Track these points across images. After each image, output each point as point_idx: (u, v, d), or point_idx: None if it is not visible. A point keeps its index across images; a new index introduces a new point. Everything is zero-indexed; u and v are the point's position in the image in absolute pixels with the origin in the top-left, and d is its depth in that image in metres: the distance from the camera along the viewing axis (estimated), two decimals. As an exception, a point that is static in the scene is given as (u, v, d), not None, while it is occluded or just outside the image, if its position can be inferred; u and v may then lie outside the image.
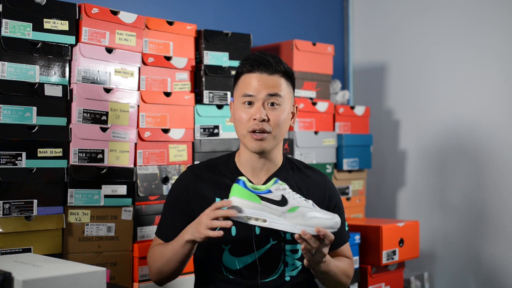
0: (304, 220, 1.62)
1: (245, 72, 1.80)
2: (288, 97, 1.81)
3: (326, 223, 1.62)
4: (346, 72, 3.65)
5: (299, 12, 3.42)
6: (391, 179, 3.46)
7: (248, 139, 1.78)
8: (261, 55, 1.81)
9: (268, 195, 1.63)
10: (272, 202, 1.62)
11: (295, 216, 1.62)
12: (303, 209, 1.63)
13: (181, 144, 2.37)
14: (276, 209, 1.62)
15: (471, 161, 3.12)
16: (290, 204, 1.63)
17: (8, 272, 1.31)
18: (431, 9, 3.31)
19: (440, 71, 3.26)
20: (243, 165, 1.85)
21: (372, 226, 2.61)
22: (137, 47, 2.26)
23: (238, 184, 1.64)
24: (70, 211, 2.07)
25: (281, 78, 1.80)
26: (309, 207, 1.64)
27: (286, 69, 1.82)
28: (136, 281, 2.18)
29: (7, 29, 1.95)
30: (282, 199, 1.63)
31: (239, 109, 1.79)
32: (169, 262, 1.78)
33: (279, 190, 1.64)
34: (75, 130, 2.07)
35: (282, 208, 1.62)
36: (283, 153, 1.91)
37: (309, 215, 1.62)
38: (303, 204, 1.64)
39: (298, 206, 1.63)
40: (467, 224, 3.12)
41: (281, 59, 1.83)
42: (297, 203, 1.64)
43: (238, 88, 1.82)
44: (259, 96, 1.76)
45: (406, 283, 3.00)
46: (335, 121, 2.94)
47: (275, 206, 1.62)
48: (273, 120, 1.76)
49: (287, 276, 1.81)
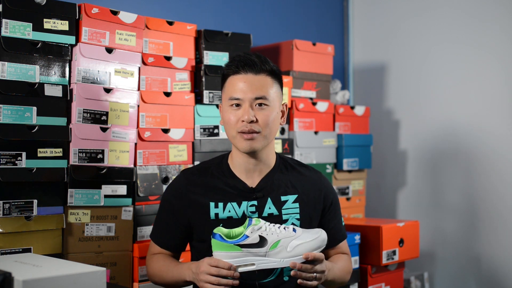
0: (289, 252, 1.65)
1: (230, 74, 1.80)
2: (276, 96, 1.80)
3: (312, 245, 1.66)
4: (346, 72, 3.65)
5: (299, 12, 3.42)
6: (391, 179, 3.46)
7: (238, 139, 1.77)
8: (246, 55, 1.80)
9: (245, 241, 1.65)
10: (252, 246, 1.65)
11: (279, 251, 1.65)
12: (284, 241, 1.65)
13: (181, 144, 2.37)
14: (258, 251, 1.65)
15: (471, 161, 3.12)
16: (270, 241, 1.65)
17: (8, 272, 1.31)
18: (431, 9, 3.31)
19: (440, 71, 3.26)
20: (236, 167, 1.85)
21: (372, 226, 2.61)
22: (137, 47, 2.26)
23: (215, 239, 1.66)
24: (70, 211, 2.07)
25: (268, 77, 1.79)
26: (290, 236, 1.66)
27: (272, 68, 1.80)
28: (136, 281, 2.18)
29: (7, 29, 1.95)
30: (260, 240, 1.65)
31: (227, 111, 1.79)
32: (166, 284, 1.84)
33: (254, 232, 1.65)
34: (75, 130, 2.07)
35: (263, 249, 1.65)
36: (276, 152, 1.90)
37: (292, 245, 1.65)
38: (283, 235, 1.66)
39: (279, 240, 1.65)
40: (467, 224, 3.12)
41: (267, 58, 1.81)
42: (276, 237, 1.65)
43: (225, 91, 1.81)
44: (246, 98, 1.75)
45: (406, 283, 3.00)
46: (335, 121, 2.94)
47: (256, 249, 1.65)
48: (261, 120, 1.75)
49: (285, 276, 1.81)
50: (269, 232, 1.66)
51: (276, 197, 1.83)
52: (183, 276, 1.76)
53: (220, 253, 1.65)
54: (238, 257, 1.64)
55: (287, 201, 1.83)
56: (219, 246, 1.65)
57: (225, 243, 1.65)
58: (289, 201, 1.83)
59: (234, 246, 1.64)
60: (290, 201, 1.83)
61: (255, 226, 1.65)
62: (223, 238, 1.65)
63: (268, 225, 1.67)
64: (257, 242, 1.64)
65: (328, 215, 1.90)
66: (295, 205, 1.83)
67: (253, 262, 1.65)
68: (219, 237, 1.65)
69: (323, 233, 1.68)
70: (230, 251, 1.64)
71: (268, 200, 1.82)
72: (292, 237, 1.66)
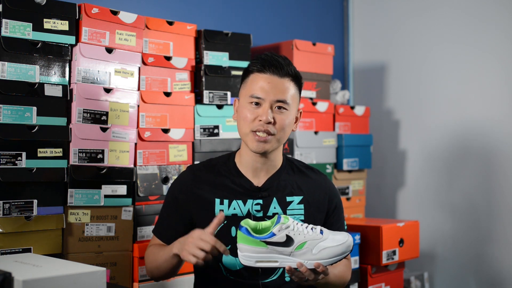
0: (314, 254, 1.61)
1: (255, 71, 1.79)
2: (295, 102, 1.81)
3: (338, 250, 1.61)
4: (346, 72, 3.65)
5: (299, 12, 3.42)
6: (391, 179, 3.46)
7: (250, 138, 1.77)
8: (272, 55, 1.80)
9: (272, 238, 1.61)
10: (278, 244, 1.61)
11: (304, 252, 1.61)
12: (310, 243, 1.61)
13: (181, 144, 2.37)
14: (283, 250, 1.61)
15: (470, 160, 3.12)
16: (296, 241, 1.61)
17: (8, 272, 1.31)
18: (431, 9, 3.31)
19: (440, 71, 3.26)
20: (243, 165, 1.85)
21: (372, 226, 2.61)
22: (137, 47, 2.26)
23: (242, 232, 1.63)
24: (70, 211, 2.07)
25: (291, 82, 1.79)
26: (316, 238, 1.62)
27: (296, 73, 1.81)
28: (136, 281, 2.18)
29: (7, 29, 1.95)
30: (287, 239, 1.61)
31: (245, 107, 1.78)
32: (160, 267, 1.80)
33: (282, 231, 1.61)
34: (75, 130, 2.07)
35: (289, 249, 1.61)
36: (283, 154, 1.91)
37: (318, 248, 1.61)
38: (309, 237, 1.62)
39: (306, 241, 1.61)
40: (467, 224, 3.12)
41: (290, 62, 1.82)
42: (303, 238, 1.61)
43: (247, 87, 1.80)
44: (268, 98, 1.75)
45: (406, 283, 3.00)
46: (335, 121, 2.94)
47: (282, 248, 1.61)
48: (279, 123, 1.76)
49: (287, 277, 1.81)
50: (296, 232, 1.62)
51: (282, 197, 1.83)
52: (171, 249, 1.72)
53: (245, 246, 1.62)
54: (263, 253, 1.61)
55: (292, 201, 1.84)
56: (245, 239, 1.62)
57: (251, 238, 1.61)
58: (294, 202, 1.84)
59: (260, 242, 1.61)
60: (295, 202, 1.84)
61: (283, 225, 1.62)
62: (249, 233, 1.62)
63: (296, 224, 1.63)
64: (284, 241, 1.61)
65: (331, 218, 1.90)
66: (300, 206, 1.84)
67: (276, 260, 1.62)
68: (246, 231, 1.62)
69: (350, 238, 1.63)
70: (255, 246, 1.61)
71: (274, 200, 1.82)
72: (319, 239, 1.62)
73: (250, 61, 1.84)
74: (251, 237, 1.61)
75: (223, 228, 1.80)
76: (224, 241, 1.79)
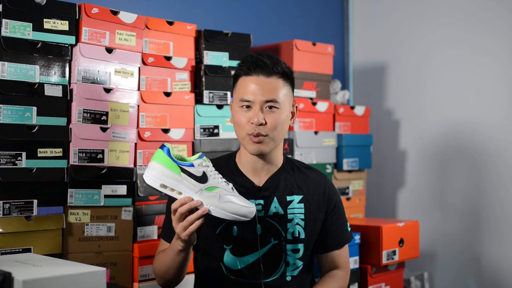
0: (220, 202, 1.59)
1: (242, 74, 1.79)
2: (287, 98, 1.80)
3: (241, 210, 1.60)
4: (346, 72, 3.65)
5: (299, 12, 3.42)
6: (391, 179, 3.46)
7: (247, 141, 1.77)
8: (258, 56, 1.79)
9: (189, 168, 1.59)
10: (191, 176, 1.60)
11: (212, 195, 1.60)
12: (221, 191, 1.61)
13: (181, 144, 2.37)
14: (194, 185, 1.60)
15: (471, 161, 3.12)
16: (209, 182, 1.60)
17: (8, 272, 1.30)
18: (431, 9, 3.31)
19: (440, 71, 3.26)
20: (244, 165, 1.85)
21: (372, 226, 2.61)
22: (137, 47, 2.26)
23: (162, 150, 1.60)
24: (70, 211, 2.07)
25: (279, 80, 1.78)
26: (228, 191, 1.62)
27: (284, 70, 1.80)
28: (136, 281, 2.18)
29: (7, 29, 1.95)
30: (202, 176, 1.60)
31: (237, 112, 1.78)
32: (169, 270, 1.77)
33: (201, 166, 1.60)
34: (75, 130, 2.07)
35: (200, 185, 1.60)
36: (283, 154, 1.91)
37: (225, 198, 1.60)
38: (222, 186, 1.62)
39: (217, 187, 1.61)
40: (467, 224, 3.12)
41: (279, 59, 1.81)
42: (216, 183, 1.61)
43: (237, 91, 1.81)
44: (257, 100, 1.75)
45: (406, 283, 3.00)
46: (335, 121, 2.94)
47: (194, 181, 1.60)
48: (270, 123, 1.75)
49: (288, 276, 1.81)
50: (212, 175, 1.61)
51: (282, 197, 1.83)
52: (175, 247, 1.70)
53: (158, 165, 1.59)
54: (173, 178, 1.59)
55: (292, 201, 1.84)
56: (162, 158, 1.59)
57: (170, 158, 1.58)
58: (295, 201, 1.84)
59: (176, 167, 1.59)
60: (295, 201, 1.84)
61: (204, 162, 1.61)
62: (170, 153, 1.59)
63: (215, 170, 1.63)
64: (199, 176, 1.59)
65: (331, 217, 1.90)
66: (300, 205, 1.84)
67: (181, 191, 1.60)
68: (167, 151, 1.59)
69: (254, 207, 1.63)
70: (169, 169, 1.58)
71: (274, 199, 1.82)
72: (229, 193, 1.61)
73: (237, 65, 1.83)
74: (170, 158, 1.59)
75: (225, 228, 1.80)
76: (226, 240, 1.79)
